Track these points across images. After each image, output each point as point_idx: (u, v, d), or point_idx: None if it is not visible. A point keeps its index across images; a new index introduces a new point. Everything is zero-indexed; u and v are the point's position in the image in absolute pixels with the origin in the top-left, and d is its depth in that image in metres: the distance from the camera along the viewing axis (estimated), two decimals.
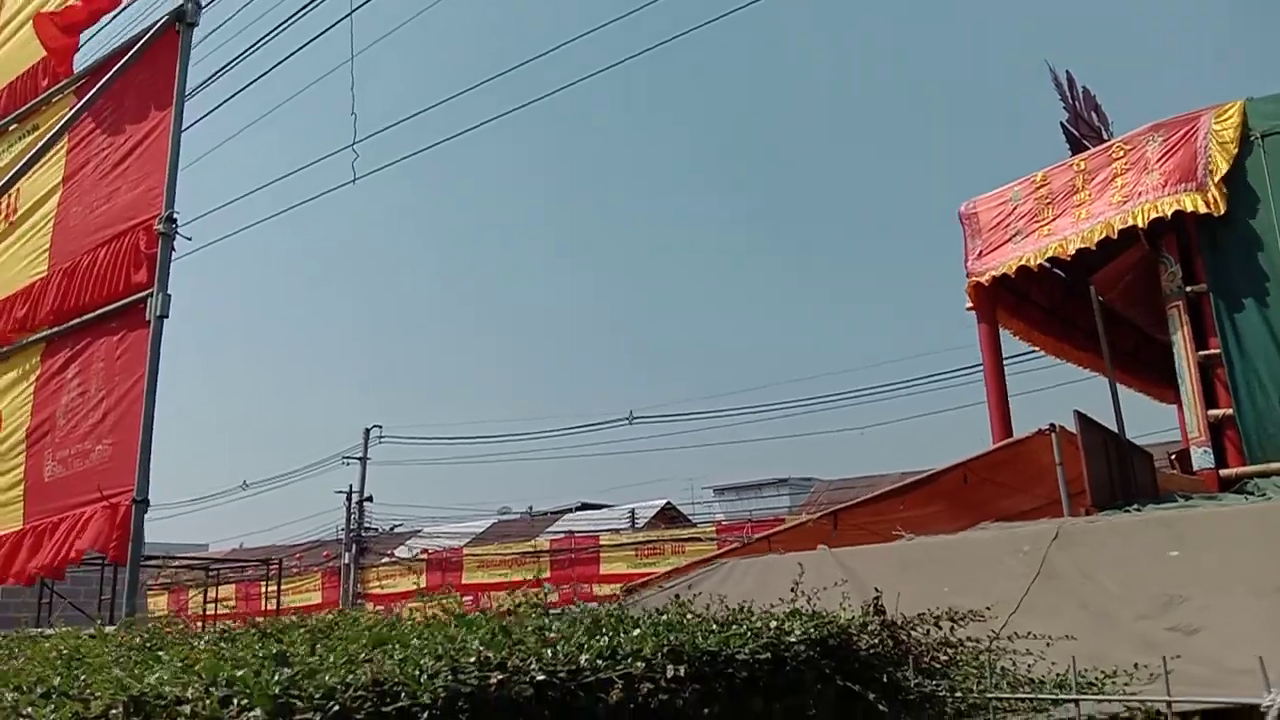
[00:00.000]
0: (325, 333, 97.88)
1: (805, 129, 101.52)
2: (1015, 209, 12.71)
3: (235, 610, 24.29)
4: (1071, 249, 11.64)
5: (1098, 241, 11.40)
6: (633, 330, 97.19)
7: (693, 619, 3.19)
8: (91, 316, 8.78)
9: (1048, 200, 12.38)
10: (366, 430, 31.75)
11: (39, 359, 9.27)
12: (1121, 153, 11.67)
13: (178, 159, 8.62)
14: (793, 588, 3.77)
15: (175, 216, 8.54)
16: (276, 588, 19.41)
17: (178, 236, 8.65)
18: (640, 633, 2.81)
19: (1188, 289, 10.96)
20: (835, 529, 10.60)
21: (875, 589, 3.86)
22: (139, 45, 8.93)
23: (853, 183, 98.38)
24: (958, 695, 3.55)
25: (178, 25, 8.89)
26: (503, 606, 3.69)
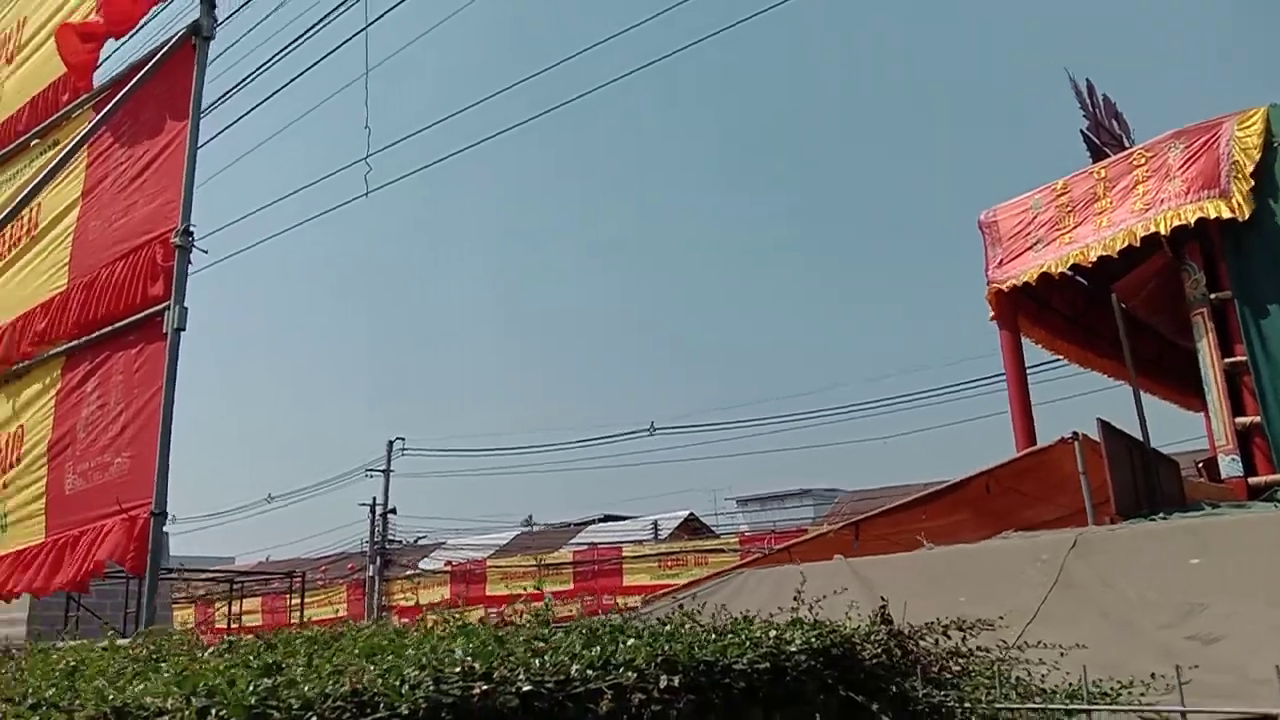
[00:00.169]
0: (348, 344, 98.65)
1: (833, 133, 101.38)
2: (1036, 217, 12.60)
3: (260, 623, 24.42)
4: (1093, 256, 11.54)
5: (1120, 249, 11.28)
6: (656, 340, 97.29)
7: (690, 628, 3.14)
8: (110, 330, 8.83)
9: (1069, 208, 12.26)
10: (390, 442, 31.89)
11: (59, 373, 9.34)
12: (1143, 160, 11.56)
13: (194, 172, 8.67)
14: (795, 596, 3.71)
15: (192, 230, 8.59)
16: (300, 600, 19.44)
17: (194, 250, 8.70)
18: (634, 642, 2.76)
19: (1212, 296, 10.83)
20: (857, 539, 10.51)
21: (882, 598, 3.79)
22: (155, 59, 9.00)
23: (875, 188, 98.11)
24: (966, 706, 3.47)
25: (194, 39, 8.95)
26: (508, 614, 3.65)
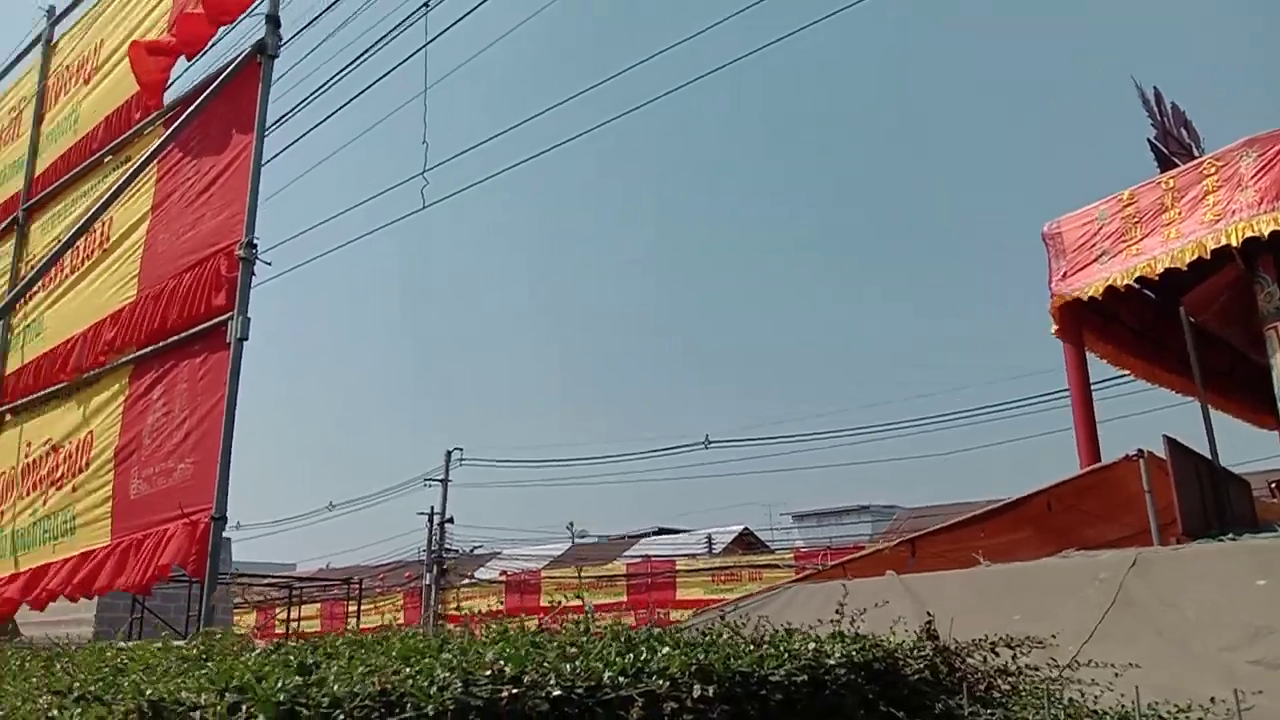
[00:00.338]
0: (410, 355, 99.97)
1: (902, 143, 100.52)
2: (1101, 228, 12.34)
3: (318, 629, 24.79)
4: (1160, 269, 11.25)
5: (1189, 262, 10.99)
6: (712, 353, 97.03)
7: (727, 639, 3.11)
8: (176, 339, 9.05)
9: (1135, 219, 11.99)
10: (448, 452, 32.19)
11: (127, 380, 9.59)
12: (1213, 169, 11.25)
13: (258, 186, 8.87)
14: (838, 610, 3.66)
15: (255, 242, 8.77)
16: (357, 607, 19.70)
17: (258, 262, 8.90)
18: (669, 651, 2.75)
19: None
20: (913, 556, 10.37)
21: (929, 614, 3.72)
22: (222, 77, 9.23)
23: (942, 200, 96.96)
24: None
25: (259, 57, 9.18)
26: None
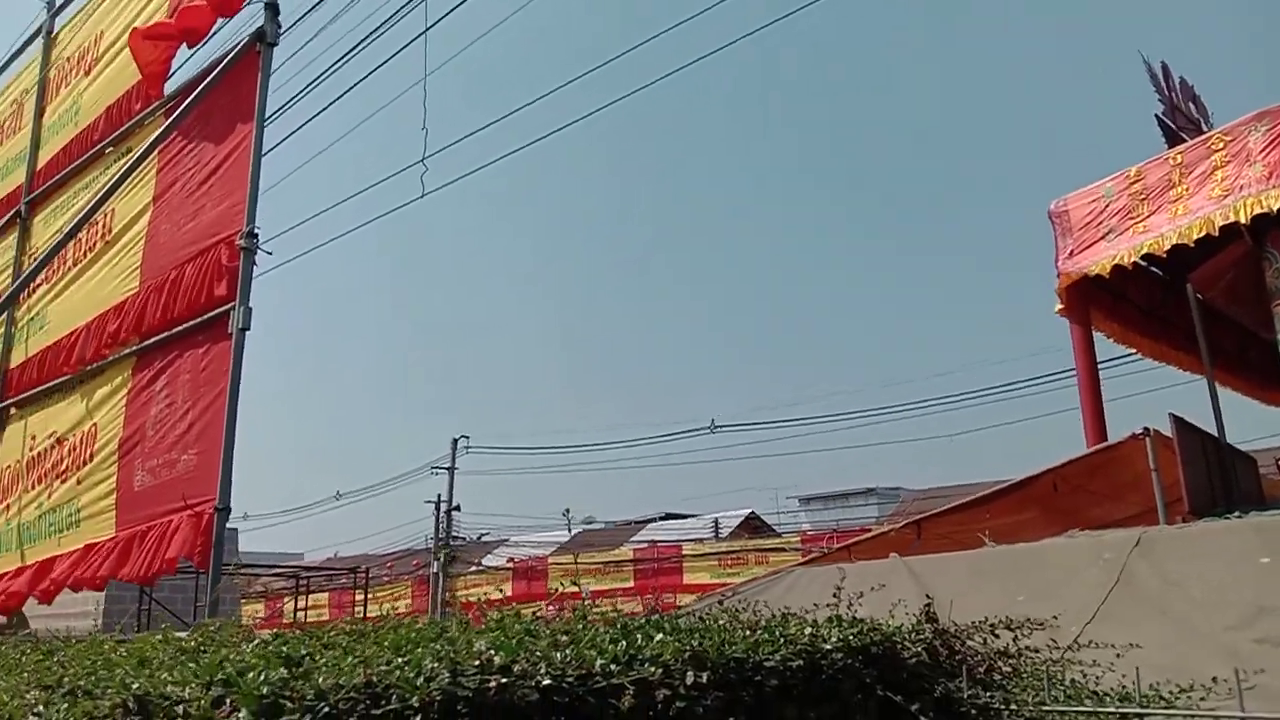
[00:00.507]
0: (416, 343, 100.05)
1: (902, 122, 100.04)
2: (1108, 206, 12.22)
3: (326, 618, 24.84)
4: (1168, 246, 11.14)
5: (1196, 238, 10.88)
6: (718, 338, 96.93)
7: (723, 624, 3.08)
8: (178, 330, 9.04)
9: (1142, 196, 11.87)
10: (454, 440, 32.22)
11: (130, 372, 9.60)
12: (1221, 144, 11.12)
13: (259, 175, 8.85)
14: (835, 593, 3.63)
15: (256, 232, 8.75)
16: (364, 595, 19.74)
17: (259, 251, 8.88)
18: (662, 638, 2.73)
19: None
20: (919, 538, 10.34)
21: (928, 596, 3.70)
22: (222, 66, 9.19)
23: (944, 181, 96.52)
24: (1012, 709, 3.36)
25: (258, 45, 9.14)
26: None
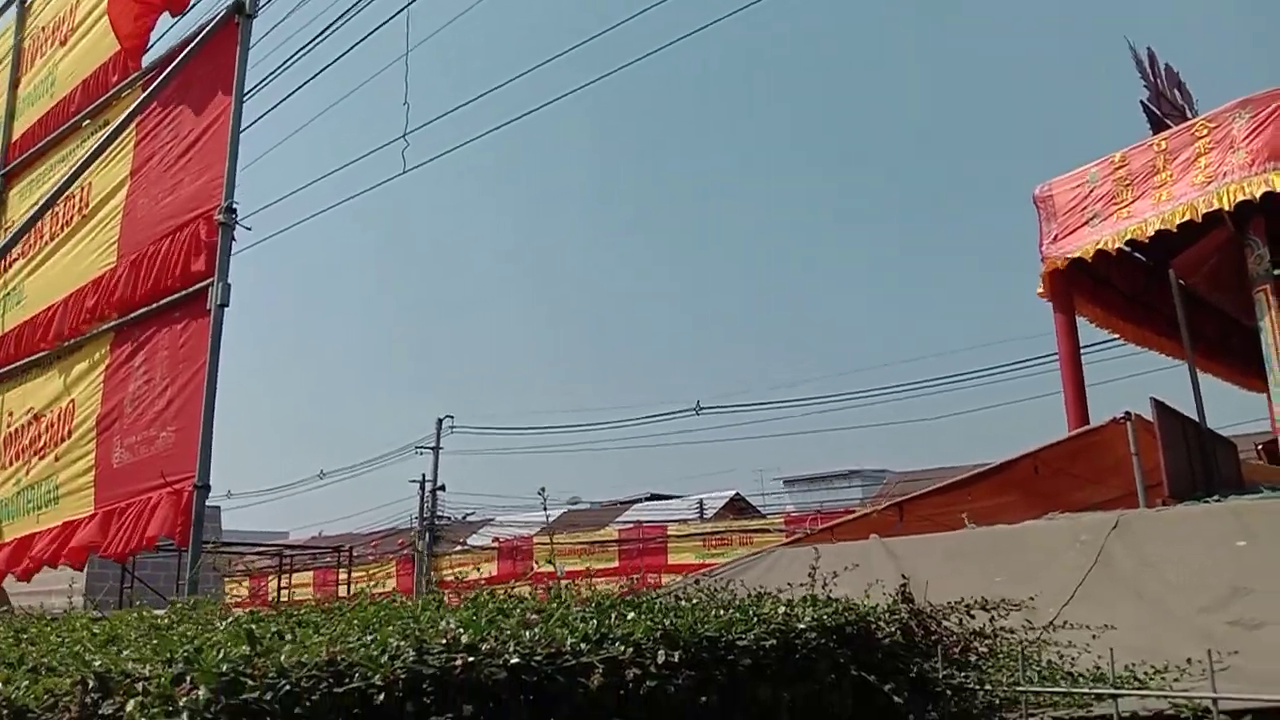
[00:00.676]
0: (399, 322, 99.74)
1: (890, 102, 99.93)
2: (1092, 191, 12.21)
3: (310, 597, 24.82)
4: (1151, 232, 11.15)
5: (1179, 224, 10.89)
6: (703, 319, 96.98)
7: (695, 604, 3.07)
8: (156, 306, 8.97)
9: (1127, 182, 11.86)
10: (439, 420, 32.20)
11: (108, 348, 9.52)
12: (1205, 131, 11.11)
13: (237, 150, 8.76)
14: (810, 573, 3.62)
15: (235, 207, 8.67)
16: (348, 574, 19.72)
17: (238, 227, 8.79)
18: (634, 616, 2.71)
19: (1276, 272, 10.43)
20: (901, 520, 10.36)
21: (903, 576, 3.69)
22: (200, 37, 9.09)
23: (929, 163, 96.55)
24: (987, 688, 3.36)
25: (237, 17, 9.03)
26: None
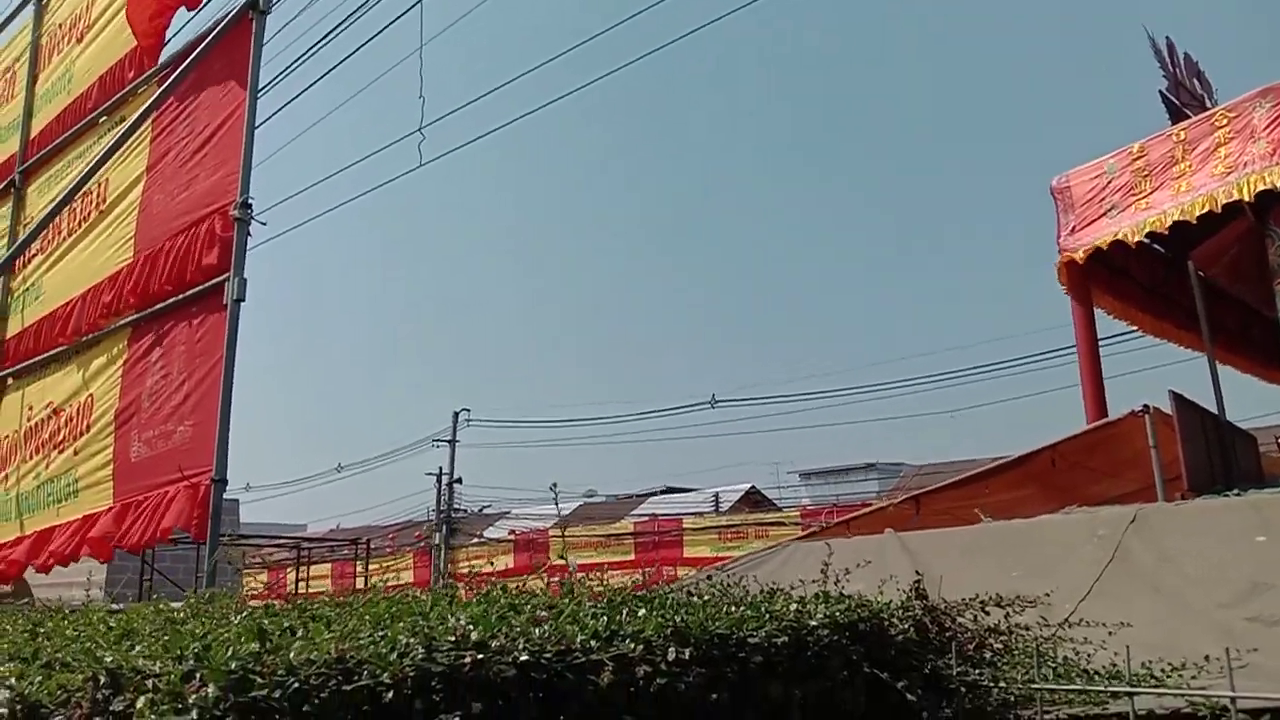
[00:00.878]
0: (417, 316, 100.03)
1: (902, 103, 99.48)
2: (1110, 182, 12.10)
3: (328, 589, 24.95)
4: (1170, 223, 11.04)
5: (1199, 215, 10.78)
6: (719, 312, 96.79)
7: (706, 600, 3.06)
8: (173, 301, 9.02)
9: (1145, 173, 11.74)
10: (455, 414, 32.28)
11: (126, 343, 9.57)
12: (1225, 121, 10.98)
13: (252, 145, 8.78)
14: (822, 570, 3.60)
15: (250, 202, 8.70)
16: (365, 567, 19.81)
17: (254, 222, 8.82)
18: (645, 613, 2.70)
19: None
20: (917, 514, 10.32)
21: (917, 572, 3.67)
22: (215, 33, 9.11)
23: (947, 154, 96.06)
24: (1001, 685, 3.34)
25: (251, 13, 9.05)
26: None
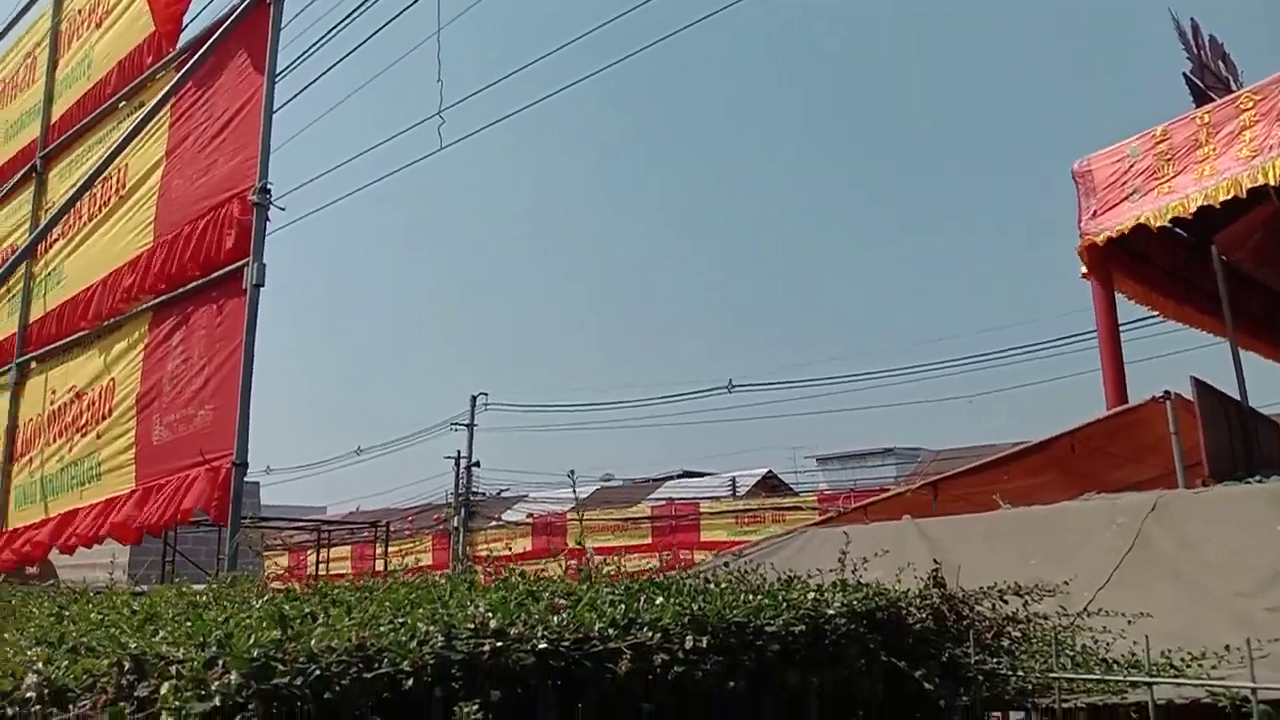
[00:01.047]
0: (435, 299, 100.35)
1: (921, 84, 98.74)
2: (1133, 166, 11.98)
3: (349, 570, 25.17)
4: (1193, 209, 10.92)
5: (1223, 200, 10.66)
6: (737, 297, 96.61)
7: (723, 588, 3.06)
8: (193, 286, 9.07)
9: (1168, 156, 11.61)
10: (473, 397, 32.38)
11: (147, 327, 9.64)
12: (1250, 103, 10.84)
13: (270, 130, 8.80)
14: (840, 558, 3.60)
15: (269, 187, 8.72)
16: (385, 549, 19.96)
17: (272, 207, 8.85)
18: (662, 601, 2.71)
19: None
20: (935, 499, 10.30)
21: (935, 560, 3.66)
22: (233, 18, 9.12)
23: (966, 138, 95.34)
24: (1020, 674, 3.33)
25: None
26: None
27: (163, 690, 2.10)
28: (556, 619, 2.43)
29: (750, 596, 2.95)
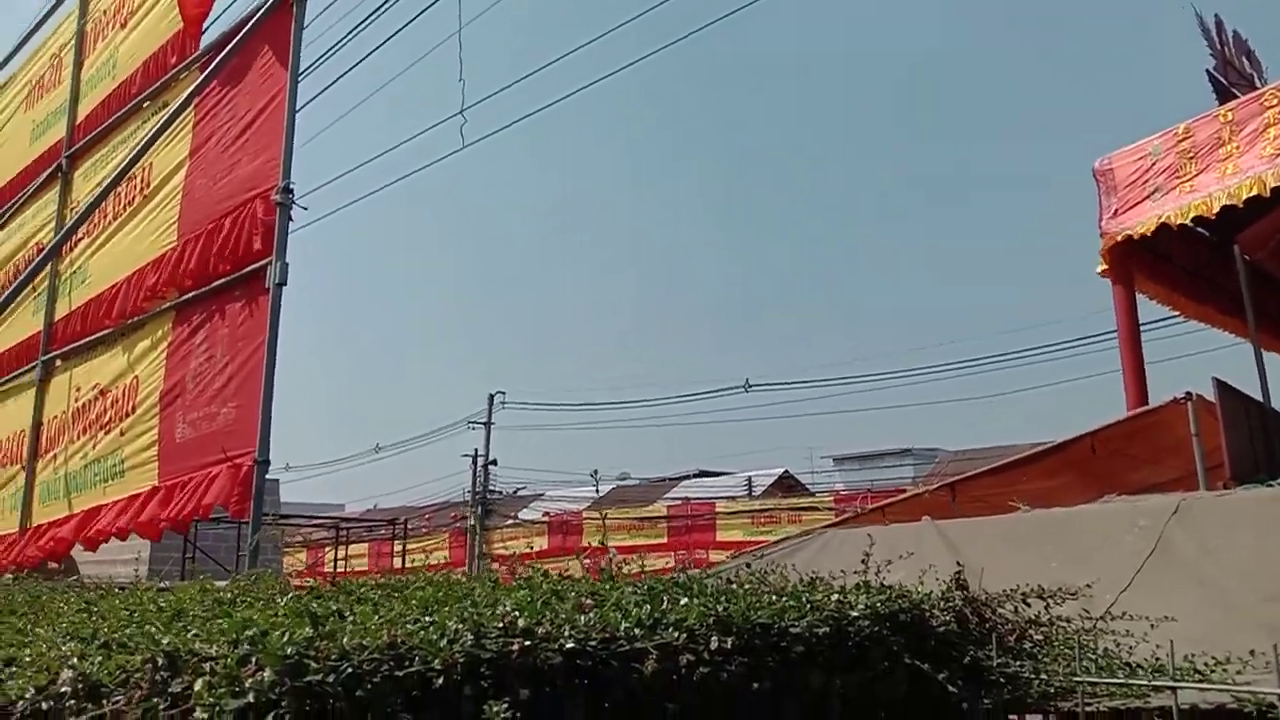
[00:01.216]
0: (454, 299, 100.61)
1: (952, 76, 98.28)
2: (1154, 164, 11.89)
3: (366, 568, 25.30)
4: (1216, 208, 10.84)
5: (1246, 198, 10.58)
6: (755, 297, 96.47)
7: (747, 589, 3.08)
8: (216, 285, 9.15)
9: (1191, 154, 11.53)
10: (491, 396, 32.52)
11: (170, 326, 9.73)
12: (1275, 100, 10.74)
13: (293, 130, 8.87)
14: (863, 560, 3.61)
15: (291, 187, 8.78)
16: (402, 547, 20.05)
17: (295, 206, 8.91)
18: (687, 602, 2.72)
19: None
20: (954, 501, 10.27)
21: (958, 563, 3.66)
22: (256, 18, 9.19)
23: (990, 137, 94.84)
24: (1043, 678, 3.33)
25: None
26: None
27: (196, 686, 2.14)
28: (583, 619, 2.46)
29: (774, 598, 2.96)
